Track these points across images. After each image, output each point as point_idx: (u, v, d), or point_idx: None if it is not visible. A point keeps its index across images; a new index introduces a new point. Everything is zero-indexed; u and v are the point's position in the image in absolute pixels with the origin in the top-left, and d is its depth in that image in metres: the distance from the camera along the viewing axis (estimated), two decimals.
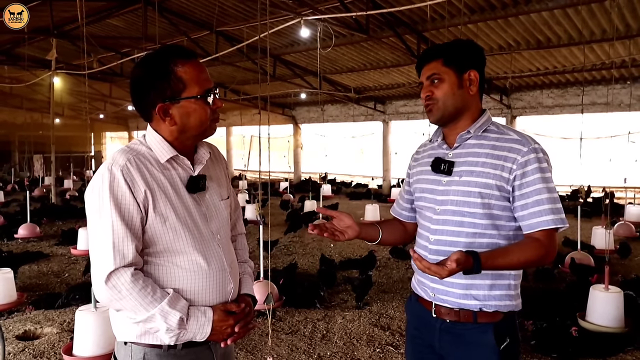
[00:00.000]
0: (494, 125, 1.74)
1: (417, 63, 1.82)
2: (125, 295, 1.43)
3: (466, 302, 1.69)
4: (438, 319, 1.75)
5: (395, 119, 17.61)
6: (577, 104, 11.90)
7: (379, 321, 4.88)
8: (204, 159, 1.64)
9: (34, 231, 8.99)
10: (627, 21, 8.73)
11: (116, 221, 1.45)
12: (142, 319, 1.46)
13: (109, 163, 1.50)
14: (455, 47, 1.77)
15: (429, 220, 1.77)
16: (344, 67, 13.82)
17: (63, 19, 10.57)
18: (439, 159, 1.76)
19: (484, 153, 1.68)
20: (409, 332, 1.96)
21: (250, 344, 4.29)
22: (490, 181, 1.63)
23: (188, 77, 1.52)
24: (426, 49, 1.85)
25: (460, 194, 1.68)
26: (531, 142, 1.65)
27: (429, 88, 1.73)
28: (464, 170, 1.69)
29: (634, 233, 8.95)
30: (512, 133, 1.70)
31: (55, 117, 14.93)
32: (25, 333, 4.58)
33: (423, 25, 9.74)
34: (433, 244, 1.74)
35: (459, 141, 1.74)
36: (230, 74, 14.70)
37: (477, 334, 1.69)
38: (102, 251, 1.45)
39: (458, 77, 1.71)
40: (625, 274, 6.33)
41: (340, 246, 8.48)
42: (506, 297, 1.70)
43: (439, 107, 1.72)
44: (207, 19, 10.82)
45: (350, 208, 13.18)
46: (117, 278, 1.43)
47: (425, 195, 1.80)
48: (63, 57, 12.78)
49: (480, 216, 1.65)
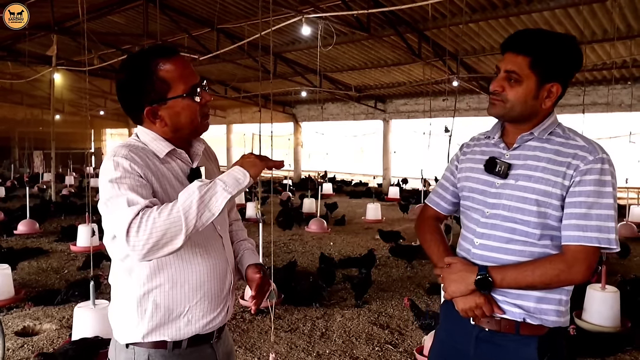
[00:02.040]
0: (559, 128, 1.62)
1: (504, 44, 1.61)
2: (159, 223, 1.30)
3: (510, 309, 1.58)
4: (476, 327, 1.64)
5: (395, 117, 17.60)
6: (578, 104, 11.89)
7: (378, 320, 4.88)
8: (200, 151, 1.64)
9: (33, 227, 8.99)
10: (628, 21, 8.72)
11: (128, 178, 1.39)
12: (195, 208, 1.32)
13: (112, 153, 1.46)
14: (550, 48, 1.54)
15: (475, 223, 1.67)
16: (344, 66, 13.80)
17: (64, 15, 10.53)
18: (493, 158, 1.64)
19: (546, 158, 1.56)
20: (439, 334, 1.86)
21: (250, 341, 4.29)
22: (550, 189, 1.52)
23: (171, 76, 1.49)
24: (517, 34, 1.61)
25: (515, 199, 1.56)
26: (599, 151, 1.52)
27: (502, 83, 1.58)
28: (522, 174, 1.57)
29: (636, 233, 8.96)
30: (579, 139, 1.57)
31: (56, 114, 14.90)
32: (24, 329, 4.58)
33: (424, 24, 9.72)
34: (477, 248, 1.64)
35: (519, 142, 1.62)
36: (230, 71, 14.69)
37: (518, 346, 1.57)
38: (116, 206, 1.35)
39: (538, 86, 1.56)
40: (625, 274, 6.33)
41: (339, 245, 8.48)
42: (554, 313, 1.58)
43: (504, 107, 1.59)
44: (208, 16, 10.80)
45: (350, 206, 13.18)
46: (139, 218, 1.31)
47: (474, 195, 1.69)
48: (64, 54, 12.77)
49: (534, 225, 1.54)
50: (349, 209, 12.46)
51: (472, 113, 14.96)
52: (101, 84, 18.77)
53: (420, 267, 6.97)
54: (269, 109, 19.85)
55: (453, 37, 10.01)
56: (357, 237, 9.14)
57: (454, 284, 1.60)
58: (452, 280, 1.61)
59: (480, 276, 1.55)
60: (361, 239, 8.92)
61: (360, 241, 8.72)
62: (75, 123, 26.06)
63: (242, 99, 17.16)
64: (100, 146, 31.55)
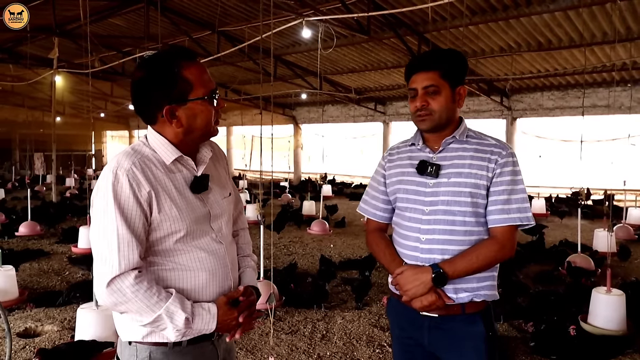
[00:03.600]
0: (471, 132, 1.87)
1: (410, 67, 1.86)
2: (130, 298, 1.43)
3: (458, 296, 1.77)
4: (426, 317, 1.81)
5: (395, 120, 17.63)
6: (578, 106, 11.93)
7: (379, 322, 4.89)
8: (206, 158, 1.65)
9: (34, 229, 9.00)
10: (628, 24, 8.75)
11: (121, 225, 1.45)
12: (149, 321, 1.46)
13: (114, 166, 1.48)
14: (451, 60, 1.82)
15: (417, 222, 1.82)
16: (344, 68, 13.84)
17: (65, 18, 10.58)
18: (424, 161, 1.83)
19: (469, 156, 1.80)
20: (395, 334, 2.00)
21: (250, 343, 4.30)
22: (478, 181, 1.76)
23: (194, 78, 1.52)
24: (421, 57, 1.89)
25: (451, 194, 1.77)
26: (508, 147, 1.82)
27: (425, 98, 1.80)
28: (452, 172, 1.79)
29: (633, 236, 8.97)
30: (490, 139, 1.85)
31: (56, 116, 14.93)
32: (26, 330, 4.60)
33: (424, 27, 9.75)
34: (425, 243, 1.80)
35: (444, 145, 1.84)
36: (231, 73, 14.72)
37: (466, 325, 1.78)
38: (106, 255, 1.45)
39: (452, 92, 1.81)
40: (625, 277, 6.34)
41: (340, 247, 8.50)
42: (491, 287, 1.82)
43: (434, 119, 1.81)
44: (209, 19, 10.84)
45: (350, 208, 13.19)
46: (121, 282, 1.43)
47: (410, 196, 1.85)
48: (65, 56, 12.80)
49: (470, 214, 1.76)
50: (349, 211, 12.47)
51: (472, 115, 14.99)
52: (102, 86, 18.81)
53: None
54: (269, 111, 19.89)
55: (453, 40, 10.04)
56: (357, 239, 9.15)
57: (413, 288, 1.76)
58: (410, 283, 1.77)
59: (435, 273, 1.72)
60: (361, 241, 8.92)
61: (360, 243, 8.73)
62: (76, 125, 26.09)
63: (242, 102, 17.17)
64: (100, 148, 31.57)
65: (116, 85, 18.96)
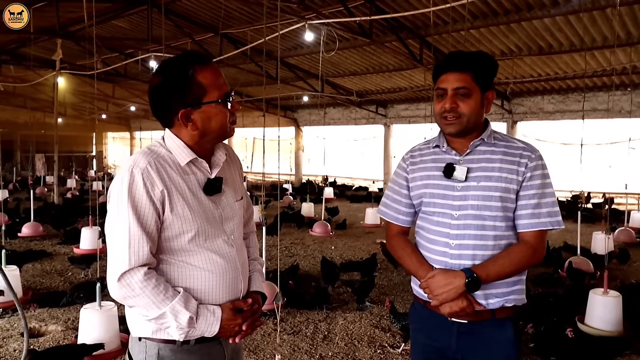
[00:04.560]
0: (497, 134, 1.83)
1: (441, 66, 1.79)
2: (138, 293, 1.49)
3: (488, 301, 1.74)
4: (454, 323, 1.76)
5: (396, 122, 17.68)
6: (578, 110, 11.99)
7: (380, 323, 4.93)
8: (220, 161, 1.70)
9: (37, 230, 9.04)
10: (628, 29, 8.79)
11: (133, 222, 1.50)
12: (154, 317, 1.51)
13: (131, 165, 1.54)
14: (484, 64, 1.78)
15: (445, 226, 1.77)
16: (346, 71, 13.89)
17: (68, 20, 10.63)
18: (451, 164, 1.77)
19: (498, 159, 1.75)
20: (417, 340, 1.93)
21: (253, 343, 4.34)
22: (509, 185, 1.72)
23: (208, 82, 1.57)
24: (454, 57, 1.81)
25: (481, 198, 1.73)
26: (536, 150, 1.78)
27: (455, 99, 1.74)
28: (481, 175, 1.74)
29: (635, 239, 9.00)
30: (518, 141, 1.81)
31: (58, 117, 14.97)
32: (29, 330, 4.63)
33: (426, 31, 9.81)
34: (454, 248, 1.75)
35: (471, 147, 1.79)
36: (233, 76, 14.76)
37: (496, 331, 1.75)
38: (118, 251, 1.51)
39: (482, 96, 1.76)
40: (624, 280, 6.38)
41: (341, 249, 8.53)
42: (521, 292, 1.80)
43: (462, 122, 1.75)
44: (212, 22, 10.89)
45: (351, 211, 13.23)
46: (131, 277, 1.49)
47: (437, 200, 1.80)
48: (67, 58, 12.85)
49: (500, 218, 1.73)
50: (350, 213, 12.51)
51: None
52: (104, 88, 18.84)
53: None
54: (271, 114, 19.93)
55: (454, 43, 10.08)
56: (358, 241, 9.19)
57: (444, 293, 1.71)
58: (441, 287, 1.71)
59: (469, 278, 1.68)
60: (362, 243, 8.96)
61: (361, 245, 8.77)
62: (78, 126, 26.13)
63: (244, 104, 17.22)
64: (102, 149, 31.61)
65: (118, 87, 18.99)
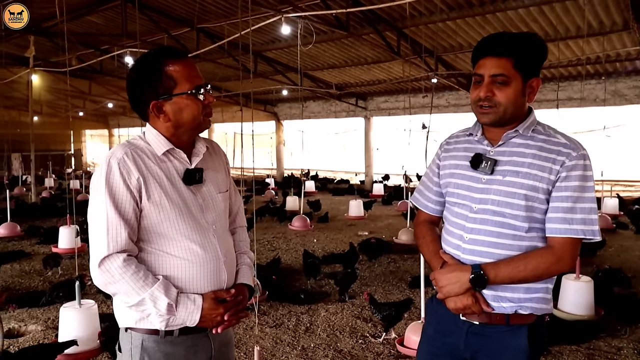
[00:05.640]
0: (540, 126, 1.67)
1: (479, 49, 1.64)
2: (118, 279, 1.53)
3: (500, 304, 1.62)
4: (466, 322, 1.68)
5: (376, 115, 17.75)
6: (554, 100, 12.14)
7: (362, 313, 4.98)
8: (201, 152, 1.74)
9: (14, 230, 8.90)
10: (600, 18, 8.95)
11: (110, 210, 1.55)
12: (134, 303, 1.54)
13: (108, 156, 1.60)
14: (528, 48, 1.61)
15: (463, 218, 1.69)
16: (325, 64, 13.89)
17: (41, 15, 10.42)
18: (479, 155, 1.67)
19: (531, 154, 1.60)
20: (427, 333, 1.86)
21: (235, 337, 4.35)
22: (537, 184, 1.57)
23: (178, 75, 1.62)
24: (493, 39, 1.64)
25: (503, 194, 1.60)
26: (580, 148, 1.59)
27: (492, 88, 1.60)
28: (509, 170, 1.61)
29: (611, 225, 9.20)
30: (560, 136, 1.63)
31: (34, 115, 14.72)
32: (9, 331, 4.58)
33: (403, 22, 9.86)
34: (467, 243, 1.66)
35: (504, 139, 1.65)
36: (211, 70, 14.67)
37: (509, 337, 1.63)
38: (97, 237, 1.55)
39: (523, 84, 1.61)
40: (599, 265, 6.53)
41: (323, 241, 8.57)
42: (542, 301, 1.64)
43: (498, 112, 1.61)
44: (187, 16, 10.79)
45: (333, 204, 13.29)
46: (110, 263, 1.53)
47: (460, 191, 1.71)
48: (41, 54, 12.62)
49: (522, 219, 1.59)
50: (332, 206, 12.56)
51: (452, 109, 15.16)
52: (80, 85, 18.56)
53: (402, 262, 7.10)
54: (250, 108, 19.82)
55: (431, 34, 10.16)
56: (340, 234, 9.24)
57: (448, 285, 1.63)
58: (446, 280, 1.64)
59: (474, 274, 1.58)
60: (344, 236, 9.01)
61: (343, 237, 8.81)
62: (54, 124, 25.70)
63: (222, 99, 17.12)
64: (80, 147, 31.13)
65: (94, 84, 18.73)
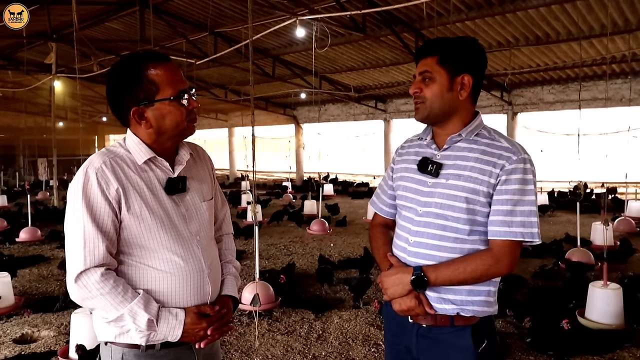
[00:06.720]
0: (485, 130, 1.70)
1: (416, 54, 1.76)
2: (96, 295, 1.45)
3: (443, 306, 1.66)
4: (415, 324, 1.72)
5: (396, 117, 17.59)
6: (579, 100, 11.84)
7: (375, 320, 4.87)
8: (184, 160, 1.65)
9: (35, 235, 9.01)
10: (625, 15, 8.67)
11: (87, 222, 1.47)
12: (113, 319, 1.47)
13: (86, 165, 1.52)
14: (453, 45, 1.69)
15: (409, 221, 1.72)
16: (343, 66, 13.80)
17: (61, 23, 10.60)
18: (426, 159, 1.71)
19: (474, 157, 1.64)
20: (387, 338, 1.93)
21: (246, 344, 4.29)
22: (478, 187, 1.60)
23: (160, 80, 1.53)
24: (426, 42, 1.78)
25: (446, 197, 1.64)
26: (521, 152, 1.62)
27: (419, 85, 1.69)
28: (452, 173, 1.65)
29: (634, 228, 8.89)
30: (503, 140, 1.66)
31: (58, 121, 15.00)
32: (22, 336, 4.59)
33: (420, 23, 9.71)
34: (412, 245, 1.70)
35: (449, 143, 1.70)
36: (230, 74, 14.73)
37: (454, 338, 1.66)
38: (74, 251, 1.47)
39: (450, 79, 1.66)
40: (624, 271, 6.29)
41: (340, 245, 8.48)
42: (484, 303, 1.67)
43: (425, 107, 1.69)
44: (205, 21, 10.82)
45: (352, 207, 13.18)
46: (87, 278, 1.45)
47: (408, 194, 1.75)
48: (63, 61, 12.83)
49: (464, 221, 1.62)
50: (351, 210, 12.45)
51: None
52: (102, 91, 18.80)
53: None
54: (269, 112, 19.86)
55: (450, 35, 9.96)
56: (358, 238, 9.13)
57: (392, 287, 1.68)
58: (390, 282, 1.69)
59: (415, 276, 1.62)
60: (362, 240, 8.90)
61: (361, 242, 8.69)
62: (78, 130, 26.15)
63: (242, 102, 17.18)
64: None
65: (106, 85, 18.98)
